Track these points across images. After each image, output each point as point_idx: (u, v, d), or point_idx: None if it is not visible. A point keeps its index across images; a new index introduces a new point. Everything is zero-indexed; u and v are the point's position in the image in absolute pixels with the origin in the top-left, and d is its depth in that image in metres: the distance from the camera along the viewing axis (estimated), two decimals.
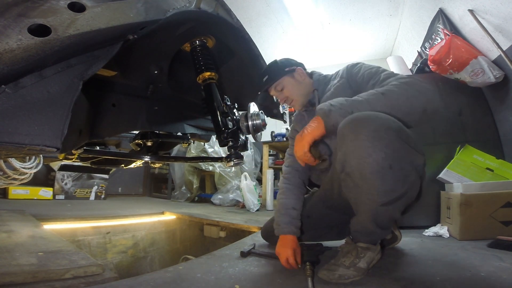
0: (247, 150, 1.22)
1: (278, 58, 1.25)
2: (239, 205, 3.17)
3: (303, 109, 1.25)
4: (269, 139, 3.36)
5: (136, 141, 1.45)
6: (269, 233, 1.35)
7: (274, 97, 1.48)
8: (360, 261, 0.95)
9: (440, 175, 1.72)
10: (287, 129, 3.42)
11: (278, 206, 1.19)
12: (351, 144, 0.78)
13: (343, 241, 1.04)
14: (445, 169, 1.71)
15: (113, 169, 2.03)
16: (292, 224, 1.11)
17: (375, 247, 0.99)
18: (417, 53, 2.86)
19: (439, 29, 2.21)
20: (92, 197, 3.28)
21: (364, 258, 0.96)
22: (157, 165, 1.68)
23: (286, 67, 1.20)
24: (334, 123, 0.86)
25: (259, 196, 3.09)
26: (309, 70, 1.30)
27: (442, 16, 2.22)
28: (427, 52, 2.31)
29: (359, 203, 0.89)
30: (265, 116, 1.16)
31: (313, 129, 0.91)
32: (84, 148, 1.22)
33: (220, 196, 3.44)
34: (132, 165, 1.57)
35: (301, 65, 1.27)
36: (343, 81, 1.12)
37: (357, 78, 1.07)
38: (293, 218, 1.13)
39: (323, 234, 1.29)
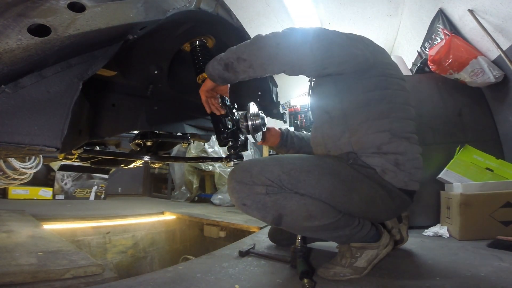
0: (247, 150, 1.22)
1: None
2: None
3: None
4: None
5: (136, 141, 1.45)
6: (276, 235, 1.40)
7: (274, 97, 1.48)
8: (357, 261, 0.96)
9: (440, 175, 1.72)
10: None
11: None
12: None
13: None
14: (445, 169, 1.71)
15: (113, 169, 2.03)
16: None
17: (376, 244, 0.98)
18: (417, 53, 2.86)
19: (439, 29, 2.21)
20: (92, 197, 3.28)
21: (360, 257, 0.96)
22: (157, 165, 1.68)
23: None
24: (210, 73, 0.93)
25: None
26: None
27: (442, 16, 2.22)
28: (427, 52, 2.31)
29: None
30: (265, 116, 1.16)
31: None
32: (84, 148, 1.22)
33: (220, 196, 3.44)
34: (132, 165, 1.57)
35: None
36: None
37: None
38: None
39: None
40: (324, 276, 0.96)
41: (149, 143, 1.43)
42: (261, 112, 1.10)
